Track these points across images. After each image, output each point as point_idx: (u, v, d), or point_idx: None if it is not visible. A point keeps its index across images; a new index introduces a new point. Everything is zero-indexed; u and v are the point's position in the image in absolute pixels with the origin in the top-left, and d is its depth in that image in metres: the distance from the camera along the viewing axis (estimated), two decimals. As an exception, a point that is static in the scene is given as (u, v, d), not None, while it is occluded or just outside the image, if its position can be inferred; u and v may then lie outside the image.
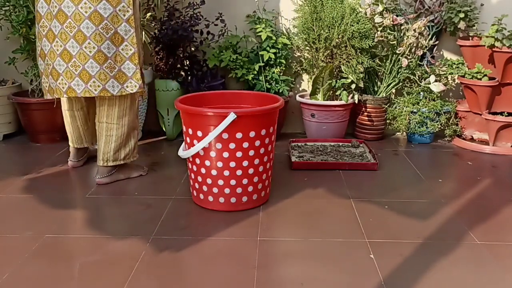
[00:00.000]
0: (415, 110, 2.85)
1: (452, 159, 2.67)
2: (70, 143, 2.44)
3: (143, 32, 2.90)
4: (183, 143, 2.03)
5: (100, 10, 2.02)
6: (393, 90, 3.00)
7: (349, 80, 2.87)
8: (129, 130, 2.25)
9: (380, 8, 2.83)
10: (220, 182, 1.90)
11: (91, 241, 1.72)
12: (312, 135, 2.94)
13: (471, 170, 2.49)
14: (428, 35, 2.89)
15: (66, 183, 2.29)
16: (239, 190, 1.92)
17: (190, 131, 1.90)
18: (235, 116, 1.79)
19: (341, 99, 2.84)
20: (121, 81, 2.12)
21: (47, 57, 2.12)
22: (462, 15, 2.81)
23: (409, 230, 1.80)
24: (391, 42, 2.88)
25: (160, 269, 1.53)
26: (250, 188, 1.94)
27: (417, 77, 2.92)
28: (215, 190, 1.92)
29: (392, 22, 2.80)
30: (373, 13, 2.85)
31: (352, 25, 2.79)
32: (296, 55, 3.09)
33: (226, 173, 1.88)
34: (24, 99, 2.85)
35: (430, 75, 2.86)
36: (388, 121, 2.98)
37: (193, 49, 3.02)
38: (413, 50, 2.84)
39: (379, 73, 3.01)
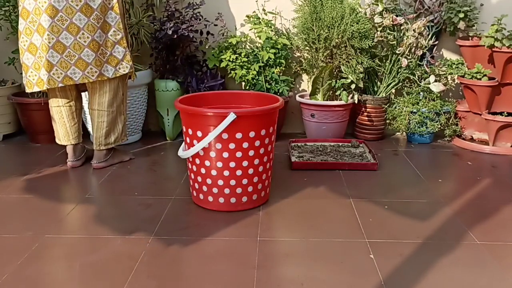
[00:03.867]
0: (415, 110, 2.85)
1: (452, 159, 2.67)
2: (57, 141, 2.48)
3: (142, 32, 2.90)
4: (183, 143, 2.03)
5: (90, 2, 2.20)
6: (393, 90, 3.00)
7: (348, 80, 2.87)
8: (117, 115, 2.44)
9: (379, 8, 2.83)
10: (220, 182, 1.90)
11: (91, 241, 1.72)
12: (312, 135, 2.94)
13: (471, 170, 2.49)
14: (428, 35, 2.89)
15: (66, 183, 2.29)
16: (239, 190, 1.92)
17: (190, 131, 1.90)
18: (235, 116, 1.79)
19: (341, 99, 2.85)
20: (113, 64, 2.32)
21: (39, 50, 2.23)
22: (461, 15, 2.81)
23: (409, 230, 1.80)
24: (390, 42, 2.88)
25: (160, 269, 1.53)
26: (250, 188, 1.94)
27: (416, 77, 2.92)
28: (215, 190, 1.92)
29: (391, 22, 2.81)
30: (373, 13, 2.85)
31: (352, 25, 2.79)
32: (296, 55, 3.09)
33: (226, 173, 1.88)
34: (24, 100, 2.85)
35: (429, 75, 2.86)
36: (388, 121, 2.98)
37: (192, 49, 3.03)
38: (412, 50, 2.85)
39: (379, 73, 3.01)
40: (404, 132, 3.07)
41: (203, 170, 1.92)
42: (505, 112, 2.82)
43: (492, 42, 2.61)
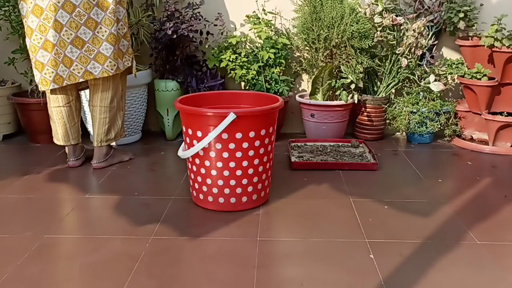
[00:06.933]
0: (414, 110, 2.85)
1: (452, 159, 2.67)
2: (55, 141, 2.47)
3: (142, 32, 2.90)
4: (183, 143, 2.03)
5: None
6: (393, 90, 3.00)
7: (348, 80, 2.87)
8: (117, 111, 2.47)
9: (379, 8, 2.84)
10: (220, 182, 1.90)
11: (91, 241, 1.72)
12: (312, 135, 2.94)
13: (471, 170, 2.50)
14: (428, 35, 2.89)
15: (65, 183, 2.29)
16: (238, 190, 1.92)
17: (190, 131, 1.90)
18: (235, 116, 1.79)
19: (340, 99, 2.85)
20: (120, 58, 2.36)
21: (56, 47, 2.22)
22: (461, 15, 2.81)
23: (409, 230, 1.80)
24: (390, 42, 2.88)
25: (160, 269, 1.53)
26: (249, 188, 1.94)
27: (416, 77, 2.93)
28: (214, 190, 1.92)
29: (391, 22, 2.81)
30: (373, 13, 2.85)
31: (352, 25, 2.79)
32: (295, 55, 3.10)
33: (226, 173, 1.88)
34: (23, 100, 2.85)
35: (429, 75, 2.86)
36: (387, 121, 2.98)
37: (192, 49, 3.03)
38: (412, 50, 2.85)
39: (379, 73, 3.01)
40: (404, 132, 3.07)
41: (203, 170, 1.92)
42: (505, 112, 2.82)
43: (492, 42, 2.61)
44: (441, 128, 2.93)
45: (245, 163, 1.88)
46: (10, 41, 2.99)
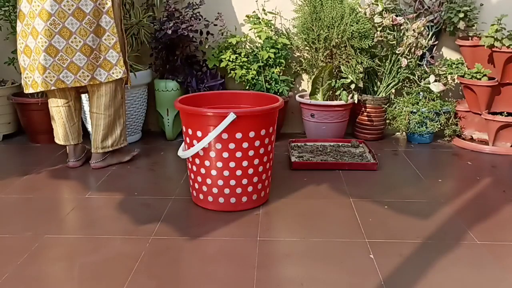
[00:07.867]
0: (414, 110, 2.85)
1: (452, 159, 2.67)
2: (56, 141, 2.47)
3: (142, 32, 2.90)
4: (183, 143, 2.03)
5: (82, 6, 2.20)
6: (393, 90, 3.00)
7: (348, 80, 2.87)
8: (115, 119, 2.43)
9: (379, 8, 2.84)
10: (220, 182, 1.90)
11: (91, 241, 1.72)
12: (312, 135, 2.94)
13: (471, 170, 2.50)
14: (428, 35, 2.89)
15: (66, 183, 2.29)
16: (238, 190, 1.92)
17: (190, 131, 1.91)
18: (235, 116, 1.79)
19: (340, 99, 2.85)
20: (106, 69, 2.32)
21: (33, 53, 2.24)
22: (461, 15, 2.81)
23: (408, 230, 1.80)
24: (390, 42, 2.88)
25: (160, 269, 1.53)
26: (249, 188, 1.94)
27: (416, 77, 2.93)
28: (214, 190, 1.92)
29: (391, 22, 2.81)
30: (373, 13, 2.85)
31: (352, 25, 2.79)
32: (295, 55, 3.09)
33: (226, 173, 1.88)
34: (23, 100, 2.85)
35: (429, 75, 2.86)
36: (387, 121, 2.98)
37: (192, 49, 3.03)
38: (412, 50, 2.85)
39: (379, 73, 3.01)
40: (404, 132, 3.07)
41: (203, 170, 1.92)
42: (505, 112, 2.82)
43: (492, 42, 2.61)
44: (441, 128, 2.92)
45: (245, 163, 1.88)
46: (10, 41, 2.99)
